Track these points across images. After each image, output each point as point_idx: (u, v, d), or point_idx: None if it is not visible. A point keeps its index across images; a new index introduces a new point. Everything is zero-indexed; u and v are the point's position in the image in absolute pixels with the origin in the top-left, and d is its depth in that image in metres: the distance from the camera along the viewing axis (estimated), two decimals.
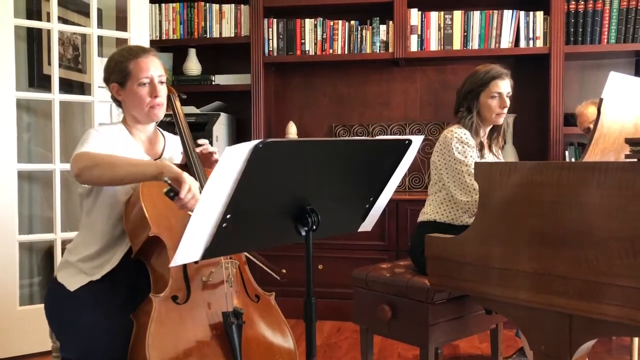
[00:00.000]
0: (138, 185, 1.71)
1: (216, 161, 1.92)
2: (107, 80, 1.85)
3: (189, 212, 1.64)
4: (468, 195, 2.21)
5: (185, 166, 1.84)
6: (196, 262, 1.69)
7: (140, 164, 1.64)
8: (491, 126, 2.42)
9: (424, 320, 2.06)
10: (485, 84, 2.32)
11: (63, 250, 2.03)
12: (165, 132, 2.01)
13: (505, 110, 2.35)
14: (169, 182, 1.50)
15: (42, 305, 1.83)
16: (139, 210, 1.69)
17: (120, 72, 1.80)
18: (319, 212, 1.32)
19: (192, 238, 1.20)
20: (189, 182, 1.51)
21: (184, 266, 1.69)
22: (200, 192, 1.61)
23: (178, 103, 1.97)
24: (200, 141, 1.90)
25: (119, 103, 1.89)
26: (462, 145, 2.25)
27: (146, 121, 1.86)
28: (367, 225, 1.59)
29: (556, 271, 1.41)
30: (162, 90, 1.83)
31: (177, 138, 1.99)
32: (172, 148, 1.97)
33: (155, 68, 1.81)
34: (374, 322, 2.23)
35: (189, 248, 1.22)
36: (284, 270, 1.84)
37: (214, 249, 1.25)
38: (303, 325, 1.35)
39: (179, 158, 1.96)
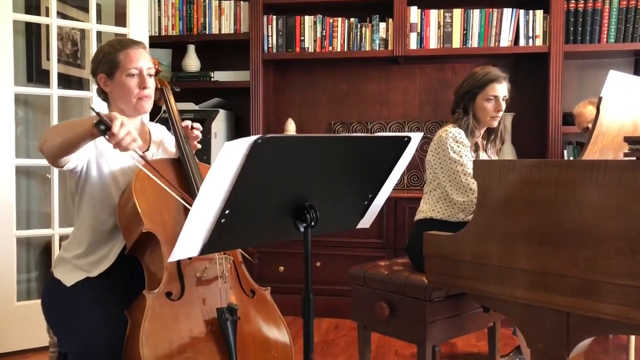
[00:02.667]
0: (131, 181, 1.70)
1: (196, 137, 1.92)
2: (95, 71, 1.83)
3: (132, 157, 1.65)
4: (464, 195, 2.20)
5: (179, 161, 1.83)
6: (190, 258, 1.69)
7: (78, 121, 1.56)
8: (486, 128, 2.42)
9: (422, 317, 2.06)
10: (482, 87, 2.32)
11: (60, 246, 2.02)
12: (149, 122, 2.00)
13: (500, 114, 2.35)
14: (99, 113, 1.45)
15: (39, 301, 1.83)
16: (132, 205, 1.67)
17: (109, 63, 1.78)
18: (317, 209, 1.32)
19: (191, 233, 1.20)
20: (121, 118, 1.47)
21: (178, 262, 1.67)
22: (197, 189, 1.60)
23: (171, 97, 1.95)
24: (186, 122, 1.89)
25: (104, 97, 1.86)
26: (457, 145, 2.24)
27: (133, 114, 1.82)
28: (366, 222, 1.59)
29: (554, 269, 1.41)
30: (151, 83, 1.81)
31: (161, 127, 1.99)
32: (158, 136, 1.95)
33: (145, 60, 1.80)
34: (372, 320, 2.23)
35: (188, 243, 1.21)
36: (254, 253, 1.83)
37: (212, 245, 1.25)
38: (300, 322, 1.35)
39: (169, 146, 1.95)
